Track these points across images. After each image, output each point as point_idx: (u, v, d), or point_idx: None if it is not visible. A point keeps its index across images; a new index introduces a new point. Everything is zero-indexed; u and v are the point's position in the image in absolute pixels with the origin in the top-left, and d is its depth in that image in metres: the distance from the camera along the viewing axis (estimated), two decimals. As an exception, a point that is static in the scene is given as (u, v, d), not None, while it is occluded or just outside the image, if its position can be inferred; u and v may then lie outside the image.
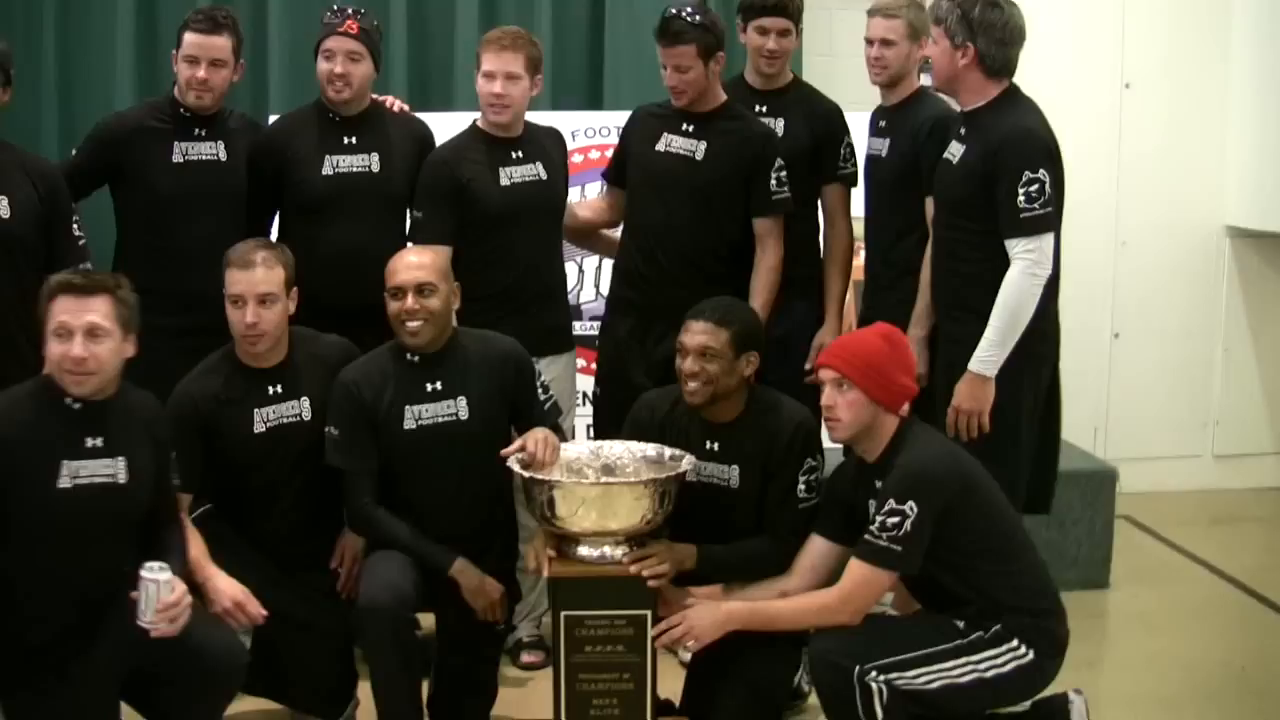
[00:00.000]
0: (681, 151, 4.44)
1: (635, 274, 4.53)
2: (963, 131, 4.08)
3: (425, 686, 3.98)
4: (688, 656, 4.09)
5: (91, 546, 3.45)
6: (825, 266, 4.68)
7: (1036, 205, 3.89)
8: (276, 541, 3.97)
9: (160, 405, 3.71)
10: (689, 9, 4.35)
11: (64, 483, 3.41)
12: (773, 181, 4.42)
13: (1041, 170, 3.90)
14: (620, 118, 4.77)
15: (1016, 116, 4.01)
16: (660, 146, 4.47)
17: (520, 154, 4.45)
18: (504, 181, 4.40)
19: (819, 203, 4.70)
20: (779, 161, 4.43)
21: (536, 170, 4.46)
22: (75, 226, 4.15)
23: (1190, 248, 6.46)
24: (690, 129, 4.44)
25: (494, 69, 4.35)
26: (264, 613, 3.70)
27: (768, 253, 4.45)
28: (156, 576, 3.39)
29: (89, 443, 3.46)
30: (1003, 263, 3.93)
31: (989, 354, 3.92)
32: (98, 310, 3.43)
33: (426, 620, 3.98)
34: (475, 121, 4.52)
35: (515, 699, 4.28)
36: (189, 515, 3.84)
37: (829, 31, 6.33)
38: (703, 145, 4.42)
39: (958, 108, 4.22)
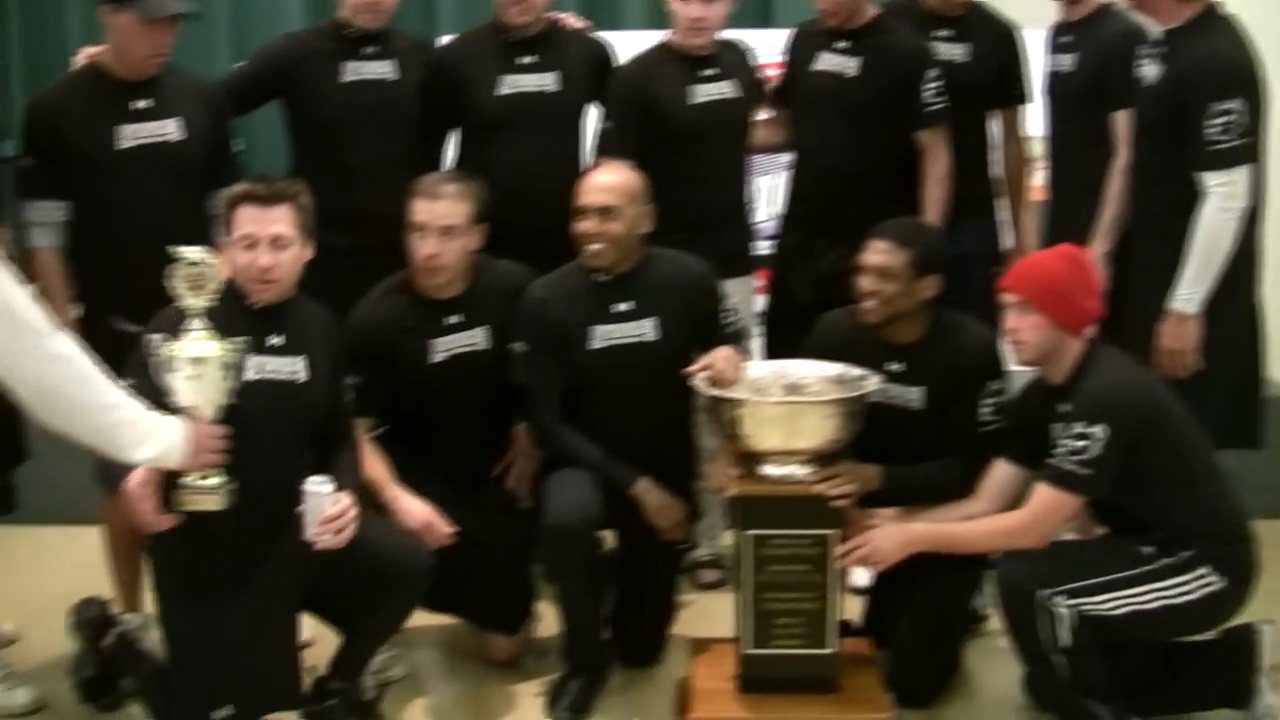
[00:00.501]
0: (834, 70, 4.40)
1: (803, 191, 4.53)
2: (1158, 52, 3.97)
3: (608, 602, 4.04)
4: (861, 581, 4.11)
5: (270, 445, 3.49)
6: (1004, 184, 4.65)
7: (1229, 137, 3.77)
8: (454, 463, 4.02)
9: (331, 315, 3.75)
10: None
11: (250, 375, 3.46)
12: (927, 93, 4.37)
13: (1235, 100, 3.77)
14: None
15: (1209, 41, 3.88)
16: (815, 66, 4.44)
17: (710, 72, 4.39)
18: (692, 100, 4.35)
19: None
20: (931, 73, 4.38)
21: (725, 89, 4.40)
22: (232, 142, 4.20)
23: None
24: (843, 46, 4.41)
25: None
26: (452, 531, 3.75)
27: (935, 164, 4.40)
28: (319, 489, 3.45)
29: (270, 341, 3.54)
30: (1190, 194, 3.84)
31: (1189, 291, 3.83)
32: (281, 219, 3.50)
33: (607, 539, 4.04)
34: (664, 38, 4.46)
35: (694, 617, 4.33)
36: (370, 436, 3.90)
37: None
38: (855, 62, 4.38)
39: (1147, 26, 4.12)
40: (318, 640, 3.89)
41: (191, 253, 3.29)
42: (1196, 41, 3.88)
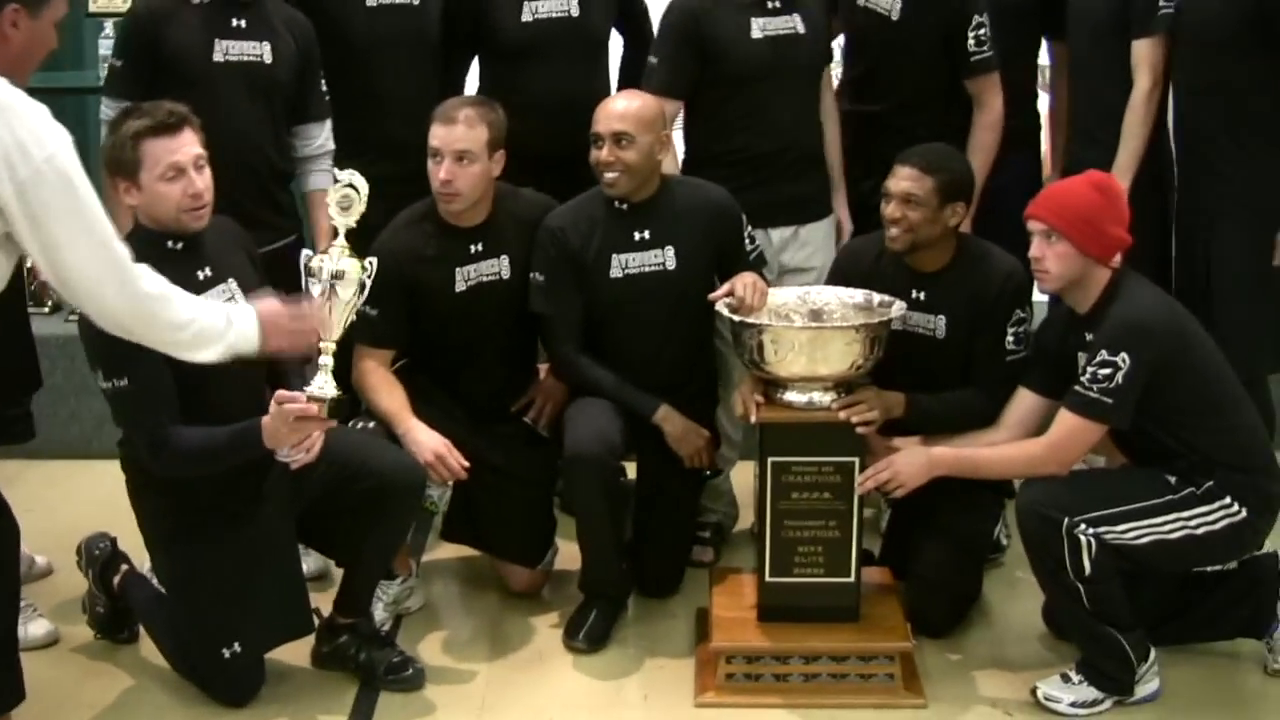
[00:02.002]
0: (879, 9, 4.27)
1: (851, 117, 4.40)
2: None
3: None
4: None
5: (235, 374, 3.39)
6: (1052, 116, 4.60)
7: None
8: (475, 395, 4.01)
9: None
10: None
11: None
12: (970, 41, 4.24)
13: None
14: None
15: None
16: (861, 1, 4.30)
17: (779, 3, 4.17)
18: (756, 34, 4.13)
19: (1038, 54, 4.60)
20: (977, 19, 4.24)
21: (794, 23, 4.18)
22: (322, 81, 4.19)
23: None
24: None
25: None
26: (465, 464, 3.73)
27: (984, 111, 4.28)
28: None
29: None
30: (1275, 101, 3.86)
31: None
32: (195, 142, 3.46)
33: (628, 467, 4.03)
34: None
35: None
36: (391, 368, 3.89)
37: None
38: (899, 3, 4.25)
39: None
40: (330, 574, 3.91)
41: (345, 175, 3.35)
42: None
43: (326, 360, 3.29)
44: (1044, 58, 4.71)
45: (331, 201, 3.36)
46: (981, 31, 4.24)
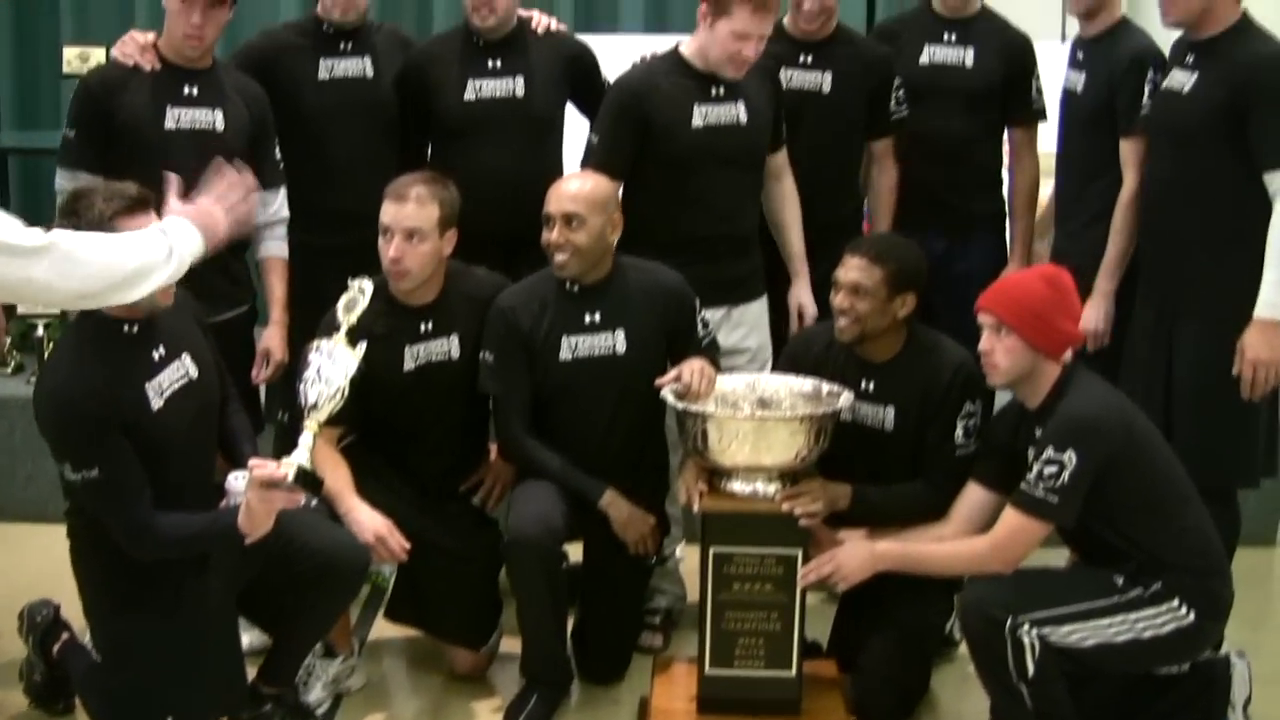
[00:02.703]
0: (807, 87, 4.37)
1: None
2: (1191, 60, 3.88)
3: (570, 617, 3.99)
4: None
5: (190, 447, 3.46)
6: (1012, 203, 4.61)
7: None
8: (424, 474, 3.98)
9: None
10: None
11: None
12: (893, 101, 4.42)
13: None
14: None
15: (1262, 42, 3.82)
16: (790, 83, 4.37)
17: (722, 91, 4.14)
18: (697, 122, 4.11)
19: (1003, 137, 4.62)
20: (898, 80, 4.40)
21: (736, 112, 4.16)
22: (276, 149, 4.19)
23: None
24: (809, 60, 4.40)
25: (752, 32, 4.00)
26: (406, 546, 3.70)
27: (885, 173, 4.50)
28: (238, 488, 3.38)
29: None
30: (1241, 201, 3.78)
31: (1277, 295, 3.72)
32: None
33: (574, 550, 3.98)
34: (678, 47, 4.21)
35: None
36: (337, 446, 3.85)
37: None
38: (828, 76, 4.38)
39: (1161, 40, 4.09)
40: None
41: (359, 281, 3.58)
42: (1250, 43, 3.82)
43: (307, 437, 3.31)
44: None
45: (343, 300, 3.52)
46: (900, 92, 4.43)
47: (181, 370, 3.46)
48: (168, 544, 3.34)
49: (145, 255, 3.00)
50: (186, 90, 3.99)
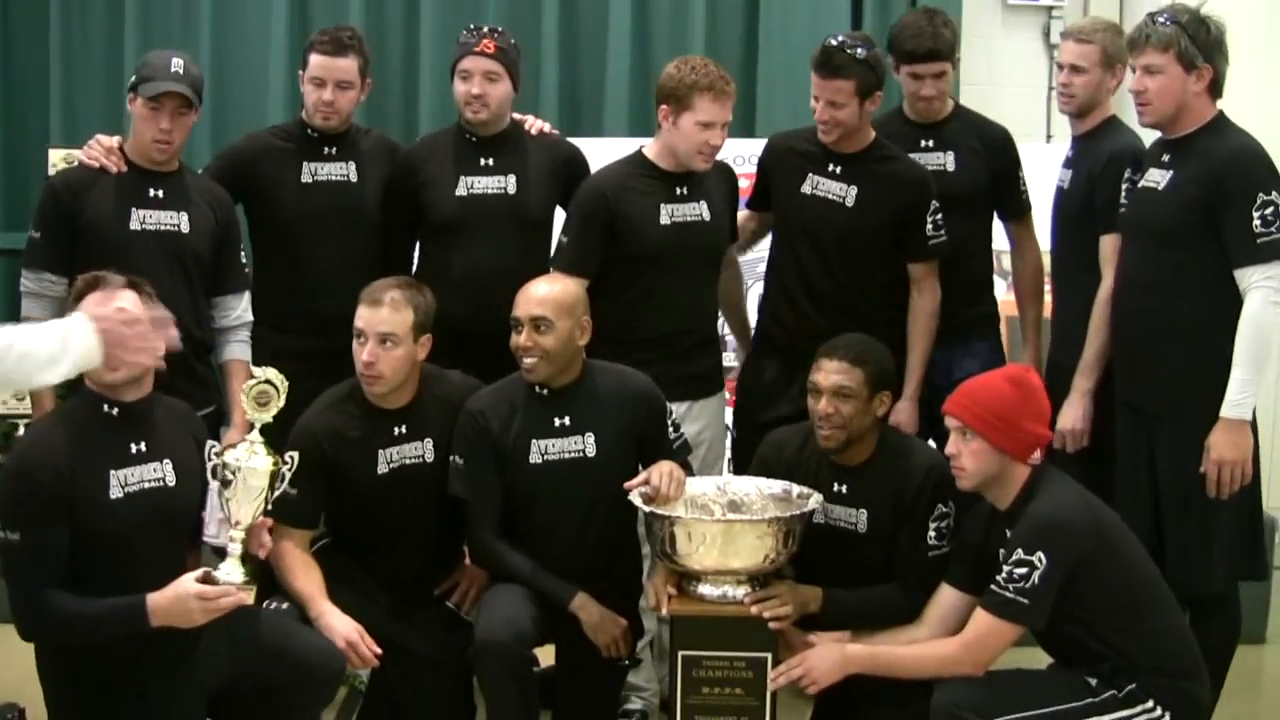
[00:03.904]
0: (831, 196, 4.26)
1: (782, 315, 4.37)
2: (1166, 158, 3.91)
3: (544, 720, 3.95)
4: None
5: (159, 547, 3.44)
6: (1019, 290, 4.60)
7: (1274, 229, 3.70)
8: (398, 577, 3.96)
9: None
10: (852, 41, 4.16)
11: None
12: (929, 226, 4.26)
13: (1275, 191, 3.72)
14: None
15: (1234, 138, 3.85)
16: (807, 189, 4.29)
17: (686, 190, 4.21)
18: (664, 220, 4.16)
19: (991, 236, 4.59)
20: (935, 204, 4.26)
21: (700, 210, 4.22)
22: (241, 253, 4.23)
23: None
24: (839, 170, 4.26)
25: (715, 119, 4.08)
26: (377, 652, 3.68)
27: (924, 296, 4.29)
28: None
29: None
30: (1213, 299, 3.78)
31: (1242, 395, 3.72)
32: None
33: (547, 654, 3.96)
34: (642, 149, 4.29)
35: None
36: (309, 549, 3.85)
37: (988, 60, 6.22)
38: (854, 190, 4.24)
39: (1145, 137, 4.10)
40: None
41: (261, 371, 3.48)
42: (1223, 140, 3.85)
43: (235, 547, 3.31)
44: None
45: (247, 396, 3.41)
46: (939, 216, 4.26)
47: (158, 473, 3.47)
48: (60, 623, 3.31)
49: (19, 351, 3.01)
50: (152, 193, 4.02)
